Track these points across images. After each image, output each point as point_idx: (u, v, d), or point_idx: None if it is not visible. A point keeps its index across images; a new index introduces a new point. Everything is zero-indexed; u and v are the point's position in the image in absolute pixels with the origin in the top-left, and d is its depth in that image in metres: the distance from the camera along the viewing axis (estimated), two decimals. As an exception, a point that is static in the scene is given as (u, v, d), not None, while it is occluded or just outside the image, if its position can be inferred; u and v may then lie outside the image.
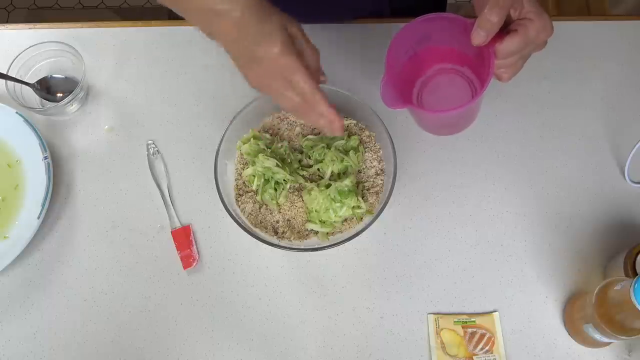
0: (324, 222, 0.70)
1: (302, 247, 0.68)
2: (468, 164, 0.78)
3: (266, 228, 0.70)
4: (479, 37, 0.53)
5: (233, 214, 0.67)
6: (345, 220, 0.71)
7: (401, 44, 0.61)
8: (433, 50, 0.64)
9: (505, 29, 0.55)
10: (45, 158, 0.75)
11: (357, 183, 0.72)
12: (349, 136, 0.74)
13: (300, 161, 0.74)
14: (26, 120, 0.77)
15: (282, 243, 0.69)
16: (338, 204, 0.68)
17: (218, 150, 0.70)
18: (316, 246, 0.67)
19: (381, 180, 0.72)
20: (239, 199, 0.72)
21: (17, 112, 0.78)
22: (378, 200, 0.71)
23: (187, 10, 0.54)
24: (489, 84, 0.56)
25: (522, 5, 0.54)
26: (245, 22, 0.52)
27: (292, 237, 0.70)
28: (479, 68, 0.64)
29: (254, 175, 0.71)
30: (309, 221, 0.70)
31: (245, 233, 0.66)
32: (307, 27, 0.86)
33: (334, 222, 0.69)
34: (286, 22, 0.55)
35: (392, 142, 0.69)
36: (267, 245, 0.66)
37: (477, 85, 0.66)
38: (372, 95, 0.77)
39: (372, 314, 0.71)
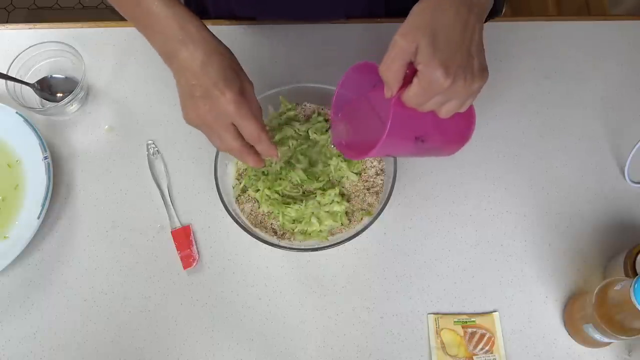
0: (308, 233, 0.70)
1: (302, 247, 0.68)
2: (468, 164, 0.78)
3: (266, 228, 0.70)
4: (387, 90, 0.53)
5: (233, 214, 0.67)
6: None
7: (346, 94, 0.62)
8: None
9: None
10: (45, 158, 0.75)
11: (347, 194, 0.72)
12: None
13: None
14: (26, 120, 0.77)
15: (282, 243, 0.69)
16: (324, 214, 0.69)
17: (218, 150, 0.70)
18: (316, 246, 0.67)
19: (381, 180, 0.72)
20: (239, 199, 0.72)
21: (17, 112, 0.78)
22: (378, 200, 0.71)
23: (148, 25, 0.58)
24: (386, 135, 0.53)
25: (415, 54, 0.50)
26: (208, 62, 0.56)
27: (292, 237, 0.70)
28: None
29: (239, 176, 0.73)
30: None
31: (245, 233, 0.66)
32: (303, 27, 0.87)
33: (320, 231, 0.70)
34: (244, 77, 0.60)
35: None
36: (267, 245, 0.66)
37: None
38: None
39: (372, 314, 0.71)
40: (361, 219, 0.70)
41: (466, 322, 0.70)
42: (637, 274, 0.64)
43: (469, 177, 0.77)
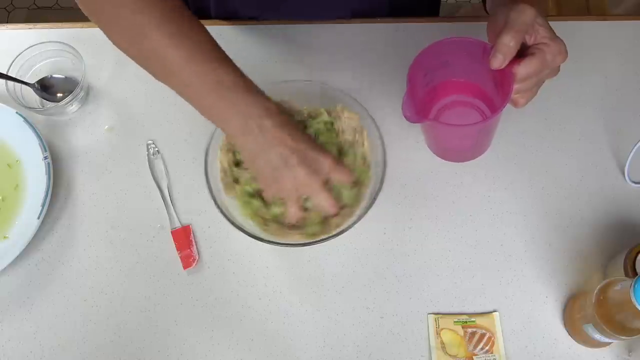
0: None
1: (295, 243, 0.66)
2: (468, 164, 0.78)
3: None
4: (496, 60, 0.57)
5: (223, 209, 0.66)
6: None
7: (422, 63, 0.63)
8: (449, 84, 0.70)
9: (521, 55, 0.58)
10: (45, 158, 0.75)
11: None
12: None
13: None
14: (26, 120, 0.77)
15: (277, 240, 0.67)
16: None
17: (208, 148, 0.69)
18: (309, 240, 0.66)
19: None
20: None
21: (17, 112, 0.78)
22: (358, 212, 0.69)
23: (228, 107, 0.59)
24: (507, 102, 0.60)
25: (537, 31, 0.58)
26: (294, 130, 0.60)
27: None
28: (492, 99, 0.69)
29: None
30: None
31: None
32: (304, 27, 0.86)
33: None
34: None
35: (383, 141, 0.69)
36: (267, 245, 0.66)
37: (490, 116, 0.72)
38: (367, 96, 0.77)
39: (372, 314, 0.71)
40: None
41: (466, 322, 0.70)
42: (637, 274, 0.64)
43: (469, 177, 0.77)
